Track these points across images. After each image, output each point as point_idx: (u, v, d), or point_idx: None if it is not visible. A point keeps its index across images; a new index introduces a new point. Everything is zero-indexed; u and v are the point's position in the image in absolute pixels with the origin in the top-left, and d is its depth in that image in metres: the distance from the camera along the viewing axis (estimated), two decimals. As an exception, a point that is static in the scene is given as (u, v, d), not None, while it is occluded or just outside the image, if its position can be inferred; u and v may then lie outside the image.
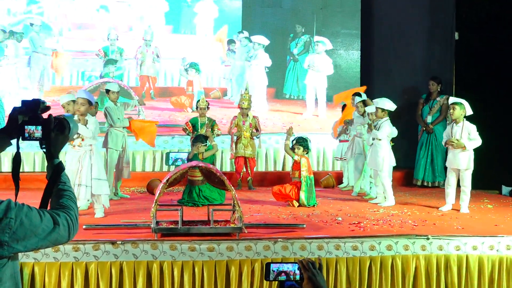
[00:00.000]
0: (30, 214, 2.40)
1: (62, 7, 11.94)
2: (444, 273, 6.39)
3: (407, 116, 11.46)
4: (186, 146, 11.27)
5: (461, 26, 11.48)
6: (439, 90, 11.05)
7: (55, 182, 2.62)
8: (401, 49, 12.26)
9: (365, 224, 7.11)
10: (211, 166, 6.92)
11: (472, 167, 8.15)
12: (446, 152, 8.72)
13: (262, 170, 11.56)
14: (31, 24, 11.56)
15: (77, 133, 6.48)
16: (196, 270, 5.98)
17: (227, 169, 11.36)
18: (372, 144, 8.81)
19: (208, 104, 10.07)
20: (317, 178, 10.75)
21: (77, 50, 11.94)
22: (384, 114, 8.72)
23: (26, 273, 5.78)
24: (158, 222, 6.42)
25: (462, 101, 8.13)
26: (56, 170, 2.63)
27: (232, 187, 6.46)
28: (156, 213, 6.29)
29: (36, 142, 2.64)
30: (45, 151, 2.65)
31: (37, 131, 2.62)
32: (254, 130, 10.42)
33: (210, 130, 9.65)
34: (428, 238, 6.40)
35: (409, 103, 11.78)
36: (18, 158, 2.63)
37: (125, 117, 9.14)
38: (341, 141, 10.65)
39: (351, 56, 12.37)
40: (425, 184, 11.00)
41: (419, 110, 11.19)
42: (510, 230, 6.91)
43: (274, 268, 2.78)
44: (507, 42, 10.68)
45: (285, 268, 2.78)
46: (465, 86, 11.10)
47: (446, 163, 8.47)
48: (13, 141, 2.69)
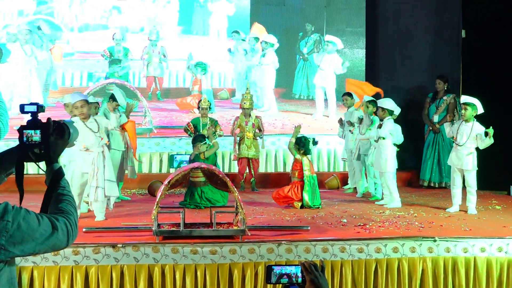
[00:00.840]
0: (28, 217, 2.39)
1: (73, 8, 11.96)
2: (451, 275, 6.37)
3: (414, 115, 11.45)
4: (192, 149, 11.21)
5: (468, 24, 11.46)
6: (446, 88, 11.03)
7: (55, 187, 2.61)
8: (407, 47, 12.25)
9: (370, 226, 7.09)
10: (214, 167, 6.92)
11: (475, 168, 8.12)
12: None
13: (265, 171, 11.55)
14: (39, 27, 11.55)
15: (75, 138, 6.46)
16: (198, 273, 5.97)
17: (230, 170, 11.36)
18: (376, 140, 8.80)
19: (210, 104, 10.06)
20: (321, 179, 10.75)
21: (86, 51, 11.95)
22: (384, 114, 8.72)
23: (25, 277, 5.78)
24: (159, 225, 6.42)
25: (474, 100, 8.07)
26: (56, 175, 2.62)
27: (235, 189, 6.45)
28: (157, 215, 6.28)
29: None
30: (42, 155, 2.63)
31: (35, 135, 2.61)
32: (257, 130, 10.41)
33: (211, 128, 9.63)
34: (435, 240, 6.38)
35: (415, 102, 11.76)
36: (19, 166, 2.61)
37: (130, 119, 9.11)
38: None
39: (356, 54, 12.35)
40: (431, 184, 10.97)
41: (426, 109, 11.17)
42: (519, 231, 6.90)
43: (276, 271, 2.77)
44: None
45: (287, 270, 2.78)
46: (472, 85, 11.06)
47: (448, 161, 8.45)
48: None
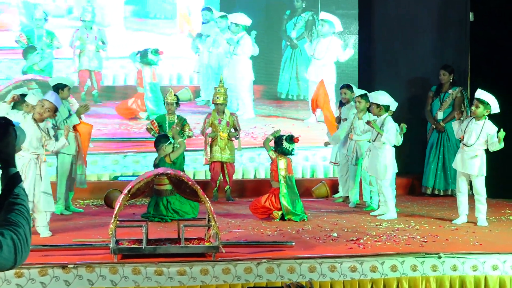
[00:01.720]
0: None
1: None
2: (459, 297, 6.44)
3: (415, 112, 11.51)
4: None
5: (477, 5, 11.55)
6: (452, 81, 11.10)
7: (7, 194, 2.59)
8: (407, 32, 12.30)
9: (365, 240, 7.13)
10: (182, 173, 6.91)
11: (484, 173, 8.20)
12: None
13: (242, 177, 11.55)
14: None
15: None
16: (164, 298, 5.97)
17: (201, 177, 11.34)
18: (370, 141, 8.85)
19: (177, 99, 10.03)
20: (308, 186, 10.78)
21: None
22: (380, 111, 8.75)
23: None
24: (118, 241, 6.39)
25: (489, 98, 8.14)
26: (10, 181, 2.61)
27: (206, 199, 6.44)
28: (115, 230, 6.26)
29: None
30: None
31: None
32: (232, 130, 10.41)
33: (176, 127, 9.60)
34: (440, 257, 6.43)
35: (417, 97, 11.83)
36: None
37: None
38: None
39: (348, 41, 12.37)
40: (436, 192, 11.04)
41: (429, 104, 11.23)
42: (536, 246, 6.97)
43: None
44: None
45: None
46: (482, 77, 11.15)
47: (453, 165, 8.52)
48: None
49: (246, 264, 6.11)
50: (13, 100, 7.77)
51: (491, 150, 8.14)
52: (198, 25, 11.86)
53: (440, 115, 11.03)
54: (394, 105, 9.01)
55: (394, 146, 8.86)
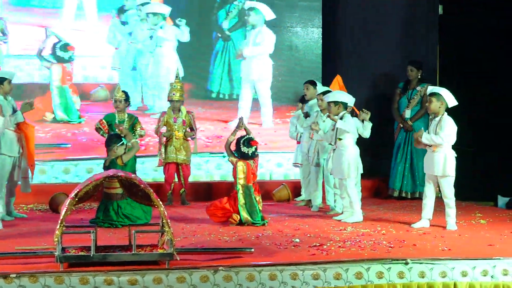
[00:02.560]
0: None
1: None
2: (427, 305, 6.50)
3: (381, 109, 11.58)
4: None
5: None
6: (420, 77, 11.19)
7: None
8: (373, 26, 12.40)
9: (328, 246, 7.16)
10: (133, 175, 6.87)
11: (451, 174, 8.29)
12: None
13: (199, 179, 11.52)
14: None
15: None
16: (114, 309, 5.94)
17: (154, 179, 11.28)
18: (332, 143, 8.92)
19: (126, 96, 9.96)
20: (268, 189, 10.80)
21: None
22: (339, 109, 8.85)
23: None
24: (64, 249, 6.34)
25: (440, 90, 8.33)
26: None
27: (160, 202, 6.42)
28: (61, 237, 6.21)
29: None
30: None
31: None
32: (188, 129, 10.39)
33: (127, 127, 9.55)
34: (407, 263, 6.48)
35: (383, 94, 11.92)
36: None
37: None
38: (298, 142, 10.69)
39: (311, 34, 12.40)
40: (403, 195, 11.13)
41: (396, 102, 11.32)
42: (507, 251, 7.07)
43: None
44: (504, 14, 10.84)
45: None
46: (451, 73, 11.29)
47: (424, 168, 8.64)
48: None
49: (202, 272, 6.10)
50: None
51: (433, 143, 8.20)
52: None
53: (407, 113, 11.12)
54: (351, 100, 9.11)
55: (359, 145, 8.94)
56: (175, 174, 10.40)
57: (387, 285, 6.40)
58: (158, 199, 6.46)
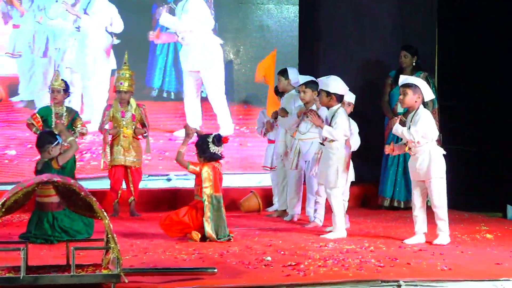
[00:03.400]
0: None
1: None
2: (422, 335, 6.52)
3: (370, 103, 11.64)
4: None
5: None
6: (415, 64, 11.26)
7: None
8: (361, 5, 12.45)
9: (306, 265, 7.15)
10: (73, 181, 6.82)
11: (438, 175, 8.30)
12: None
13: (152, 186, 11.51)
14: None
15: None
16: None
17: (97, 186, 11.25)
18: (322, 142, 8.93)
19: (66, 86, 9.92)
20: (234, 197, 10.79)
21: None
22: (331, 101, 8.82)
23: None
24: (-12, 269, 6.29)
25: (416, 81, 8.34)
26: None
27: (104, 214, 6.38)
28: (-15, 255, 6.15)
29: None
30: None
31: None
32: (139, 125, 10.36)
33: (61, 122, 9.50)
34: (399, 285, 6.50)
35: (372, 84, 11.98)
36: None
37: None
38: (270, 141, 10.71)
39: (285, 13, 12.42)
40: (395, 204, 11.21)
41: (386, 94, 11.38)
42: (517, 270, 7.12)
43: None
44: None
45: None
46: (451, 59, 11.35)
47: (410, 175, 8.65)
48: None
49: (155, 297, 6.08)
50: None
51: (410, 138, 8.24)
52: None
53: (400, 107, 11.15)
54: (350, 96, 9.11)
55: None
56: (123, 180, 10.37)
57: (376, 311, 6.43)
58: (102, 210, 6.42)
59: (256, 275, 6.79)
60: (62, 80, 9.93)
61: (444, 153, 8.35)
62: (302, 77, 9.86)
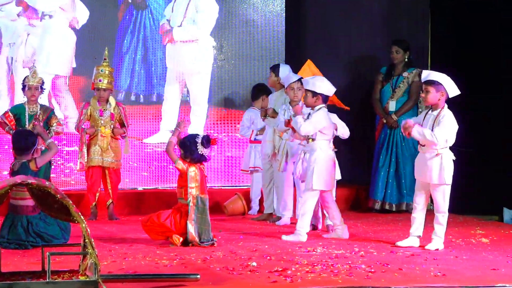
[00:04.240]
0: None
1: None
2: None
3: (359, 101, 11.65)
4: None
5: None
6: (407, 60, 11.27)
7: None
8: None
9: (294, 271, 7.17)
10: (48, 183, 6.82)
11: (448, 182, 8.33)
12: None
13: (132, 187, 11.49)
14: None
15: None
16: None
17: (74, 187, 11.23)
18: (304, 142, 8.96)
19: (42, 82, 9.91)
20: (218, 200, 10.79)
21: None
22: (317, 101, 8.86)
23: None
24: (-41, 276, 6.28)
25: (440, 77, 8.31)
26: None
27: (81, 217, 6.38)
28: (-45, 261, 6.15)
29: None
30: None
31: None
32: (117, 125, 10.35)
33: (38, 122, 9.49)
34: (391, 292, 6.54)
35: (361, 81, 11.99)
36: None
37: None
38: (252, 141, 10.73)
39: (271, 6, 12.39)
40: (386, 207, 11.22)
41: (377, 92, 11.38)
42: (514, 276, 7.15)
43: None
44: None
45: None
46: (445, 55, 11.37)
47: (415, 173, 8.66)
48: None
49: (135, 304, 6.09)
50: None
51: (432, 144, 8.23)
52: None
53: (392, 106, 11.18)
54: (331, 91, 9.11)
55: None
56: (101, 181, 10.36)
57: (367, 319, 6.45)
58: (79, 213, 6.42)
59: (241, 282, 6.81)
60: (39, 76, 9.92)
61: (454, 158, 8.36)
62: (294, 75, 9.87)
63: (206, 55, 11.90)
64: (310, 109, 8.95)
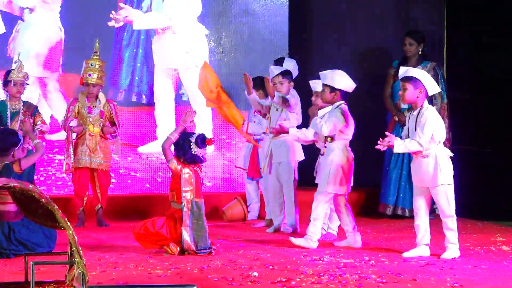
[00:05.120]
0: None
1: None
2: None
3: (369, 97, 11.65)
4: None
5: None
6: (421, 53, 11.27)
7: None
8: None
9: (298, 282, 7.17)
10: (31, 186, 6.81)
11: (446, 182, 8.30)
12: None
13: (123, 191, 11.50)
14: None
15: None
16: None
17: (59, 191, 11.24)
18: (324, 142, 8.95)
19: (27, 76, 9.91)
20: (217, 205, 10.79)
21: None
22: (335, 97, 8.85)
23: None
24: None
25: (418, 73, 8.34)
26: None
27: (68, 224, 6.37)
28: None
29: None
30: None
31: None
32: (107, 123, 10.34)
33: (27, 120, 9.50)
34: (404, 304, 6.54)
35: (372, 76, 11.98)
36: None
37: None
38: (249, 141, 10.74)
39: None
40: (399, 212, 11.21)
41: (389, 87, 11.38)
42: (537, 287, 7.14)
43: None
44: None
45: None
46: (463, 47, 11.37)
47: (412, 179, 8.65)
48: None
49: (126, 318, 6.08)
50: None
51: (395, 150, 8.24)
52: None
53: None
54: (352, 86, 9.07)
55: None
56: (89, 184, 10.35)
57: (378, 333, 6.45)
58: (66, 219, 6.41)
59: (242, 293, 6.82)
60: (25, 71, 9.91)
61: (451, 155, 8.34)
62: (275, 67, 9.87)
63: (201, 46, 11.80)
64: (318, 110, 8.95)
